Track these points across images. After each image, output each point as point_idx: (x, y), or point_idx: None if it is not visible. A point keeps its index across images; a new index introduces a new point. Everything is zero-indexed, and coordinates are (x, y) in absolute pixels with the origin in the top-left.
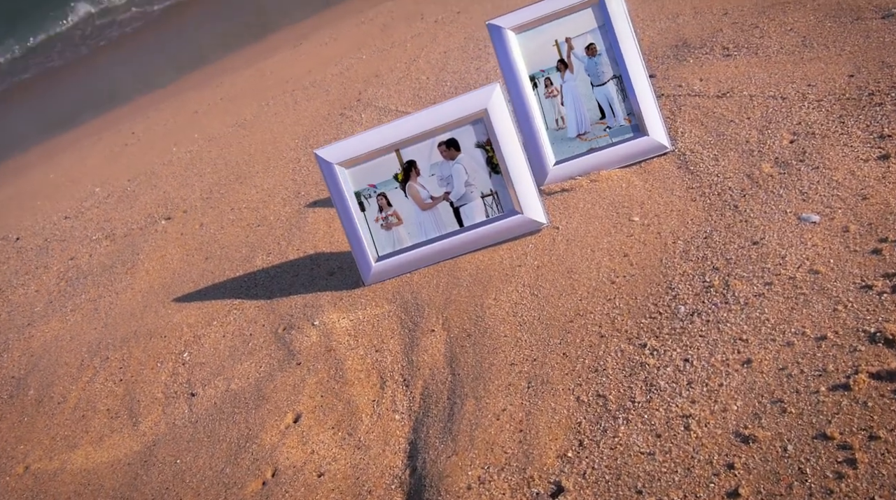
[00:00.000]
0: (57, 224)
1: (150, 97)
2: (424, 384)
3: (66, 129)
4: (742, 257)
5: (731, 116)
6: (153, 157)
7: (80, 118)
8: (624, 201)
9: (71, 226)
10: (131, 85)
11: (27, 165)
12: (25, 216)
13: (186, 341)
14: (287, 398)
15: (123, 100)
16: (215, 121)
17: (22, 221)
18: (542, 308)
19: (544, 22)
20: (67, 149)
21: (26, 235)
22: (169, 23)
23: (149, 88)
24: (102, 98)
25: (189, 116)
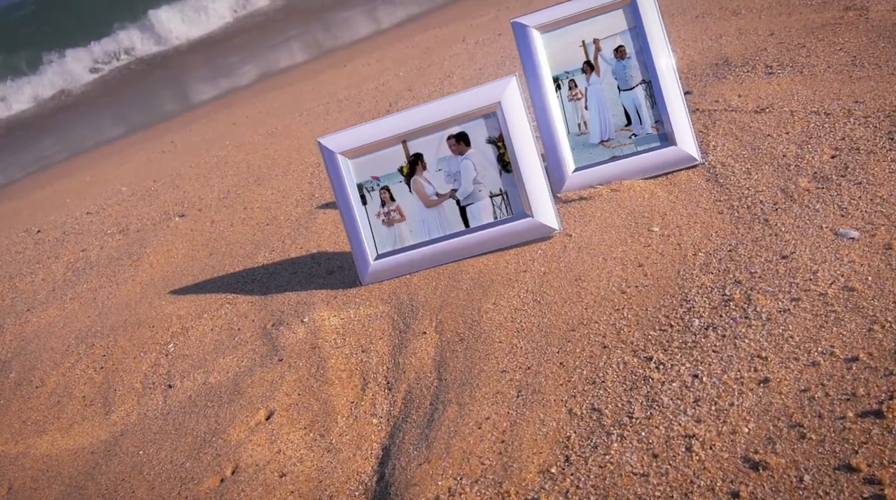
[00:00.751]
0: (78, 219)
1: (196, 112)
2: (408, 388)
3: (114, 139)
4: (768, 271)
5: (768, 131)
6: (183, 161)
7: (131, 131)
8: (644, 211)
9: (90, 221)
10: (183, 101)
11: (72, 170)
12: (53, 212)
13: (174, 333)
14: (262, 395)
15: (172, 115)
16: (249, 130)
17: (48, 216)
18: (544, 315)
19: (572, 22)
20: (110, 156)
21: (47, 228)
22: (227, 45)
23: (198, 104)
24: (154, 113)
25: (227, 127)
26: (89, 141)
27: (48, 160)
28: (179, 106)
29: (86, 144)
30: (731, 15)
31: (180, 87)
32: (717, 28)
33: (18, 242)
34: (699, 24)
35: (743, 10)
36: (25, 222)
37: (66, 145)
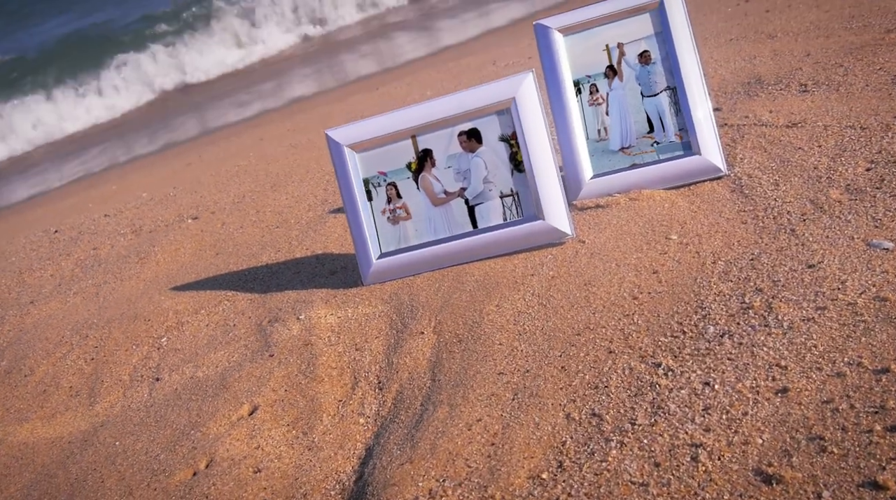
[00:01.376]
0: (95, 221)
1: (226, 130)
2: (400, 388)
3: (147, 155)
4: (793, 279)
5: (799, 144)
6: (205, 171)
7: (164, 148)
8: (663, 220)
9: (107, 222)
10: (216, 121)
11: (101, 182)
12: (73, 215)
13: (168, 327)
14: (248, 389)
15: (203, 134)
16: (273, 144)
17: (68, 218)
18: (549, 319)
19: (596, 25)
20: (140, 169)
21: (65, 229)
22: (263, 73)
23: (229, 124)
24: (187, 133)
25: (253, 142)
26: (123, 157)
27: (85, 173)
28: (212, 126)
29: (120, 159)
30: (766, 38)
31: (215, 110)
32: (751, 50)
33: (35, 240)
34: (733, 47)
35: (779, 33)
36: (46, 224)
37: (103, 161)
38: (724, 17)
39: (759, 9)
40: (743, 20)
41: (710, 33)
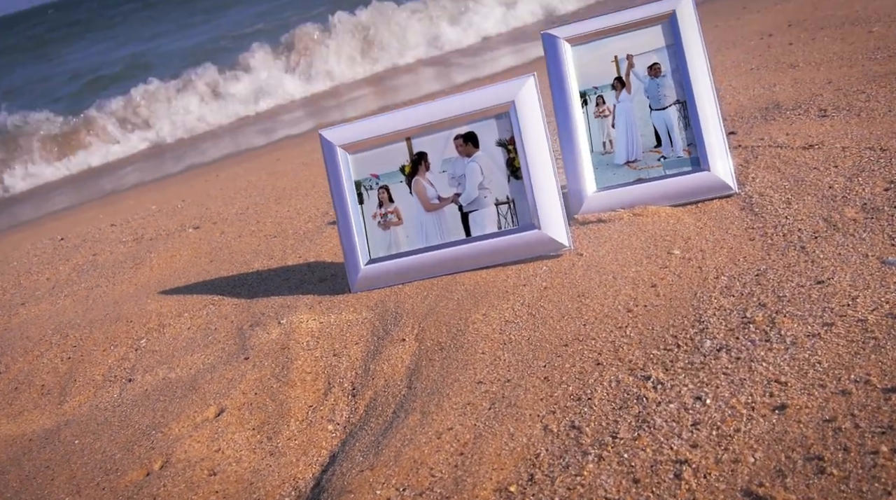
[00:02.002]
0: (101, 230)
1: (248, 154)
2: (374, 395)
3: (171, 176)
4: (799, 295)
5: (814, 164)
6: (216, 185)
7: (188, 168)
8: (667, 235)
9: (111, 231)
10: (241, 146)
11: (123, 198)
12: (82, 225)
13: (149, 329)
14: (217, 391)
15: (226, 157)
16: (287, 163)
17: (76, 228)
18: (536, 329)
19: (606, 35)
20: (160, 188)
21: (70, 237)
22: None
23: (252, 148)
24: (213, 155)
25: (270, 162)
26: (149, 177)
27: (110, 191)
28: (235, 151)
29: (146, 179)
30: (787, 67)
31: (243, 136)
32: (771, 78)
33: (41, 247)
34: (753, 75)
35: (801, 63)
36: (56, 233)
37: (131, 180)
38: (746, 49)
39: (783, 41)
40: (765, 52)
41: (730, 63)
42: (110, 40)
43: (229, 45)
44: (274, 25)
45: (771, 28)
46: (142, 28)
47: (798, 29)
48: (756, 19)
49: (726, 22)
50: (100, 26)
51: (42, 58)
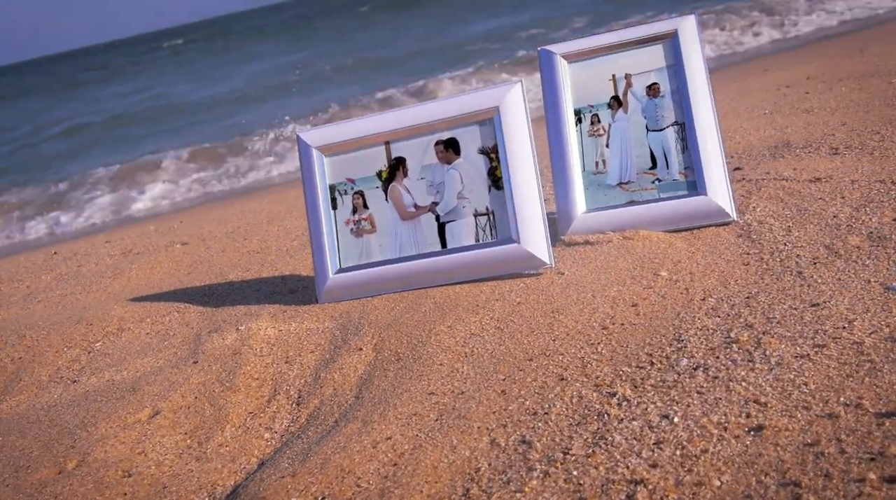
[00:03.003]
0: (94, 245)
1: (276, 187)
2: (319, 404)
3: (194, 206)
4: (790, 316)
5: (820, 195)
6: (221, 211)
7: (210, 200)
8: (655, 258)
9: (104, 246)
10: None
11: (133, 225)
12: (79, 243)
13: (108, 332)
14: (157, 393)
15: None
16: (290, 195)
17: (73, 245)
18: (502, 343)
19: (604, 53)
20: (177, 216)
21: (63, 251)
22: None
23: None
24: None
25: (286, 201)
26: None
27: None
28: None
29: (164, 208)
30: (802, 112)
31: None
32: (783, 121)
33: (34, 260)
34: (765, 119)
35: (816, 108)
36: (53, 249)
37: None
38: (762, 98)
39: (799, 91)
40: (781, 100)
41: (743, 109)
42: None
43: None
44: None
45: (789, 81)
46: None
47: (816, 81)
48: (776, 75)
49: (746, 79)
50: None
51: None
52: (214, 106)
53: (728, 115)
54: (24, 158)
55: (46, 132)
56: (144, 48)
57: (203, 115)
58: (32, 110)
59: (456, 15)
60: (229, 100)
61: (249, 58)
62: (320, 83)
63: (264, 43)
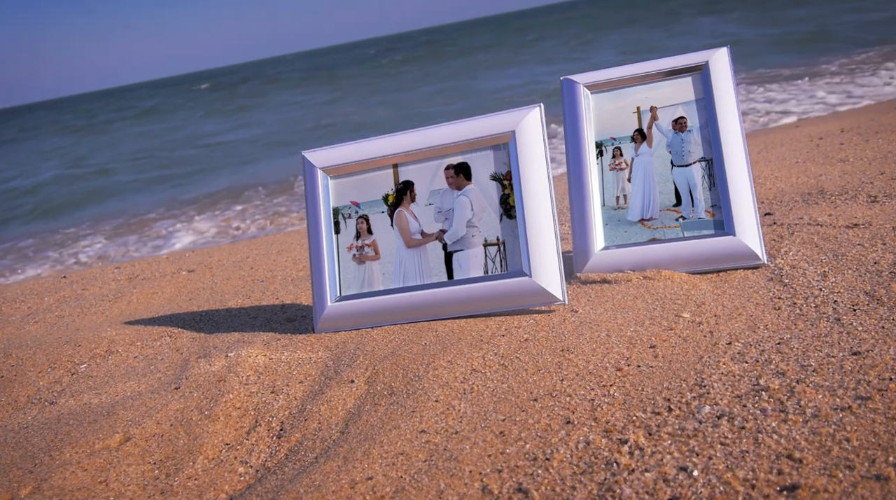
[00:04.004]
0: (104, 271)
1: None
2: (301, 438)
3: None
4: (828, 365)
5: (858, 241)
6: (233, 243)
7: (235, 239)
8: (678, 299)
9: (113, 272)
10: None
11: (153, 260)
12: (93, 271)
13: (95, 354)
14: (132, 419)
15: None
16: (304, 227)
17: (84, 271)
18: (505, 381)
19: (630, 84)
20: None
21: (73, 275)
22: None
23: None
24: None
25: (299, 233)
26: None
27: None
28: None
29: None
30: (836, 161)
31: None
32: (817, 170)
33: (42, 282)
34: (798, 167)
35: (852, 158)
36: (64, 273)
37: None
38: (794, 148)
39: (833, 142)
40: (814, 149)
41: (774, 158)
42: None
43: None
44: None
45: (822, 134)
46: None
47: (851, 133)
48: (809, 129)
49: (776, 132)
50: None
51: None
52: (253, 146)
53: (758, 162)
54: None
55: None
56: (178, 90)
57: (239, 156)
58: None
59: (479, 65)
60: (271, 142)
61: (279, 103)
62: (346, 129)
63: (285, 91)
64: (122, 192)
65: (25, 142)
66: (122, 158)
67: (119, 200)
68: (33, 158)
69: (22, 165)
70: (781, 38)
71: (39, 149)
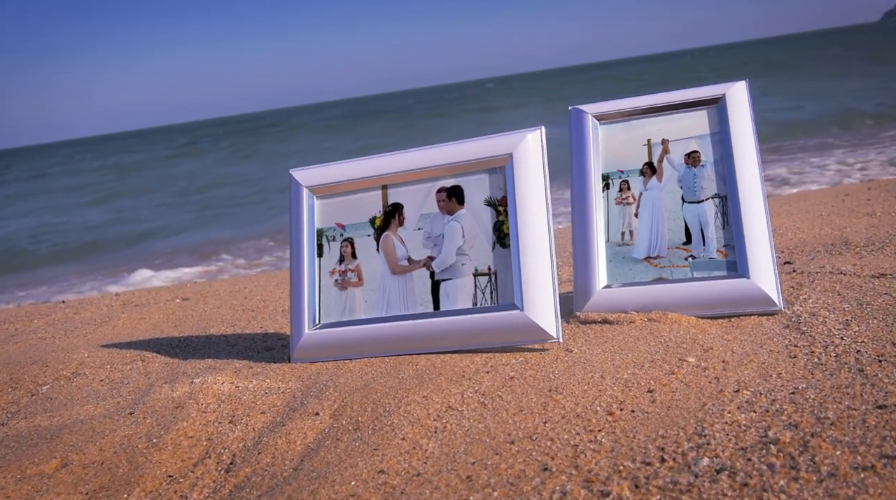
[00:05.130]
0: (103, 298)
1: None
2: (251, 473)
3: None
4: (849, 419)
5: (885, 291)
6: (234, 278)
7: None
8: (683, 342)
9: (112, 298)
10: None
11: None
12: (93, 297)
13: (60, 376)
14: (73, 444)
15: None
16: None
17: (86, 298)
18: (482, 420)
19: (642, 116)
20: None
21: (71, 301)
22: None
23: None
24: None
25: None
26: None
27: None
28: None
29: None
30: (862, 215)
31: None
32: (842, 222)
33: (39, 306)
34: (822, 219)
35: (878, 212)
36: (63, 297)
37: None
38: (818, 201)
39: (860, 198)
40: (839, 204)
41: (797, 210)
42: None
43: None
44: None
45: (848, 191)
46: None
47: (879, 190)
48: (833, 188)
49: (799, 194)
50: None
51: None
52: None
53: (780, 214)
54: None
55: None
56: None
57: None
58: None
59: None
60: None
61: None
62: None
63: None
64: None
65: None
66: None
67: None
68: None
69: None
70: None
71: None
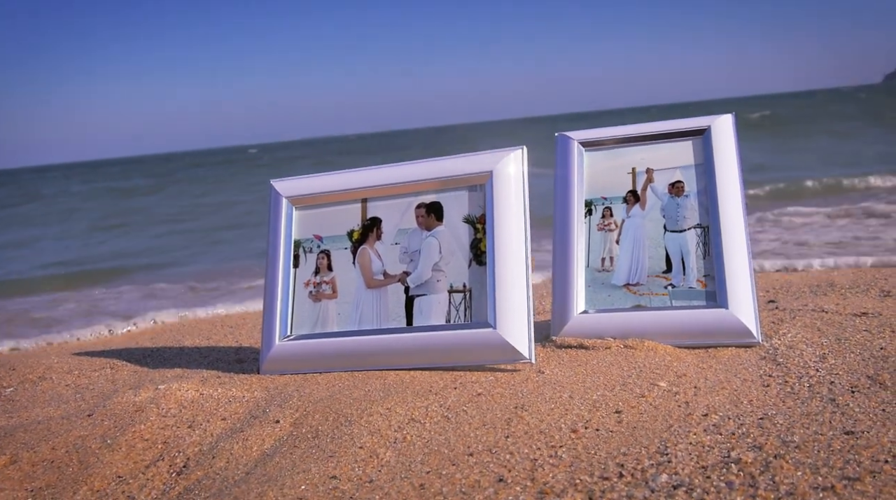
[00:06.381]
0: (112, 327)
1: None
2: (203, 476)
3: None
4: (814, 443)
5: (865, 328)
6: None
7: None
8: (657, 368)
9: (113, 326)
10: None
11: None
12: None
13: (26, 379)
14: (26, 442)
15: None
16: None
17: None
18: (443, 433)
19: (628, 144)
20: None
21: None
22: None
23: None
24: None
25: None
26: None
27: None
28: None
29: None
30: (852, 266)
31: None
32: (829, 276)
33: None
34: (811, 271)
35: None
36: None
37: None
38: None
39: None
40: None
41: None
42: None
43: None
44: None
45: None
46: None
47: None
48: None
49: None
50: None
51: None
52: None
53: (762, 279)
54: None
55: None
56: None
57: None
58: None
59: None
60: None
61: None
62: None
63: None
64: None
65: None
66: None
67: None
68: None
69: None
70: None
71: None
